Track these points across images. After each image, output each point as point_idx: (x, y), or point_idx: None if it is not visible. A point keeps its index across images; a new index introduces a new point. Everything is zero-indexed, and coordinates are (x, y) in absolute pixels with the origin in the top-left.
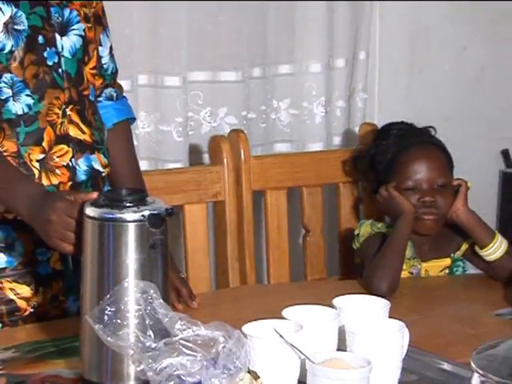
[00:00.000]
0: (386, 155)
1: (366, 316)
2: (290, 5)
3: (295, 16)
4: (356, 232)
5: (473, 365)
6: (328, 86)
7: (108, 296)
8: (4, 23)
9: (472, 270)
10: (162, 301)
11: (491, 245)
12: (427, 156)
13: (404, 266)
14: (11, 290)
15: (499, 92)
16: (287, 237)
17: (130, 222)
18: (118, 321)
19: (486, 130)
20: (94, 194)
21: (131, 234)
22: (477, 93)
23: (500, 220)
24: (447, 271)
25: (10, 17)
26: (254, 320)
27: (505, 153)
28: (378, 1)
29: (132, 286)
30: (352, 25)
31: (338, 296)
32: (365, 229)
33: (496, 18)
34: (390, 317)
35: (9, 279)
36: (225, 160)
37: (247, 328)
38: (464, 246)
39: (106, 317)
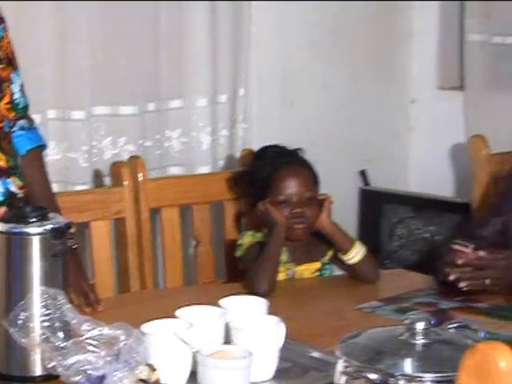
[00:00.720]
0: (263, 173)
1: (248, 313)
2: (179, 47)
3: (183, 57)
4: (238, 242)
5: (338, 352)
6: (213, 118)
7: (22, 302)
8: None
9: (338, 271)
10: (69, 305)
11: (351, 251)
12: (296, 174)
13: (281, 269)
14: None
15: (356, 121)
16: (180, 247)
17: (34, 235)
18: (31, 324)
19: (347, 153)
20: (2, 210)
21: (36, 246)
22: (339, 122)
23: (360, 230)
24: (318, 273)
25: None
26: (152, 320)
27: (362, 172)
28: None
29: (43, 294)
30: (233, 65)
31: (224, 297)
32: (246, 239)
33: (355, 58)
34: (268, 313)
35: None
36: (125, 182)
37: (145, 327)
38: (330, 252)
39: (19, 321)
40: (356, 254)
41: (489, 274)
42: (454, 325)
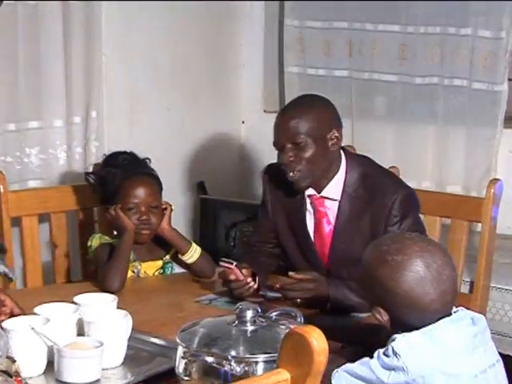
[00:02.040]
0: (114, 181)
1: (99, 308)
2: (36, 71)
3: (41, 83)
4: (88, 243)
5: (177, 339)
6: (68, 137)
7: None
8: None
9: (178, 269)
10: None
11: (188, 252)
12: (144, 184)
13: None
14: None
15: (196, 139)
16: (39, 251)
17: None
18: None
19: (188, 167)
20: None
21: None
22: (180, 140)
23: (200, 232)
24: (161, 271)
25: None
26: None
27: (200, 184)
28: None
29: None
30: (86, 91)
31: (78, 294)
32: (95, 240)
33: (194, 85)
34: (117, 308)
35: None
36: None
37: (6, 323)
38: (171, 251)
39: None
40: (192, 254)
41: (300, 295)
42: (277, 313)
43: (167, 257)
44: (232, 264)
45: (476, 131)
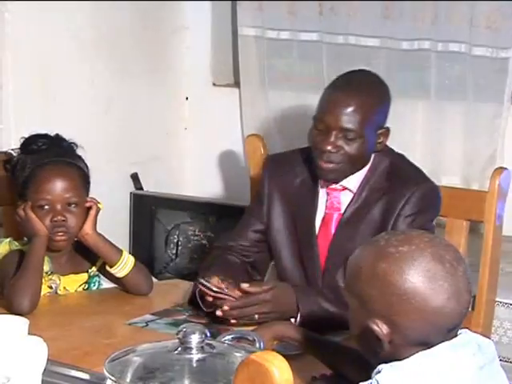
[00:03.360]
0: (24, 171)
1: (5, 335)
2: None
3: None
4: None
5: (105, 372)
6: None
7: None
8: None
9: (107, 283)
10: None
11: (118, 264)
12: (60, 175)
13: (43, 281)
14: None
15: (127, 121)
16: None
17: None
18: None
19: (117, 155)
20: None
21: None
22: (108, 121)
23: (132, 237)
24: (85, 286)
25: None
26: None
27: (134, 176)
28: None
29: None
30: None
31: None
32: (3, 247)
33: (123, 53)
34: (29, 334)
35: None
36: None
37: None
38: (99, 262)
39: None
40: (124, 266)
41: (256, 310)
42: (231, 336)
43: (93, 269)
44: (212, 290)
45: (477, 108)
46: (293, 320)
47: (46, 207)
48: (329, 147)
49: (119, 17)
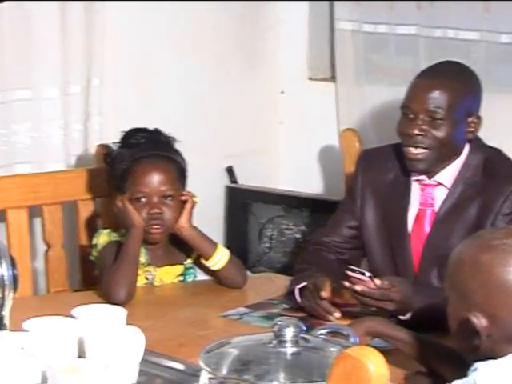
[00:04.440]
0: (122, 164)
1: (104, 324)
2: (26, 33)
3: (30, 43)
4: (94, 242)
5: (201, 363)
6: (65, 110)
7: None
8: None
9: (202, 276)
10: None
11: (213, 257)
12: (157, 169)
13: (139, 272)
14: None
15: (223, 115)
16: (29, 252)
17: None
18: None
19: (212, 149)
20: None
21: None
22: (204, 115)
23: (227, 231)
24: (181, 278)
25: None
26: None
27: (229, 169)
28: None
29: None
30: (86, 53)
31: (77, 306)
32: (102, 238)
33: (219, 47)
34: (126, 324)
35: None
36: None
37: None
38: (194, 255)
39: None
40: (218, 260)
41: (380, 304)
42: (325, 331)
43: (189, 261)
44: (364, 275)
45: None
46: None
47: (143, 200)
48: (415, 131)
49: (216, 12)
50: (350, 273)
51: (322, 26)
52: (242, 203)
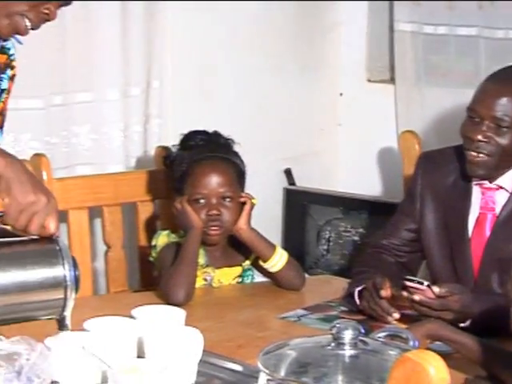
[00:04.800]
0: (181, 166)
1: (163, 325)
2: (87, 35)
3: (91, 46)
4: (153, 243)
5: (259, 365)
6: (125, 112)
7: None
8: None
9: (260, 277)
10: None
11: (271, 259)
12: (216, 171)
13: (198, 273)
14: None
15: (281, 117)
16: (90, 253)
17: None
18: None
19: (270, 150)
20: None
21: None
22: (262, 117)
23: (285, 232)
24: (239, 280)
25: None
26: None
27: (287, 171)
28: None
29: None
30: (146, 55)
31: (136, 307)
32: (162, 239)
33: (278, 48)
34: (185, 324)
35: None
36: None
37: (50, 341)
38: (252, 256)
39: None
40: (277, 261)
41: (442, 315)
42: (384, 333)
43: (247, 262)
44: (422, 284)
45: None
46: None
47: (202, 201)
48: (479, 136)
49: (275, 14)
50: (407, 283)
51: (381, 27)
52: (300, 205)
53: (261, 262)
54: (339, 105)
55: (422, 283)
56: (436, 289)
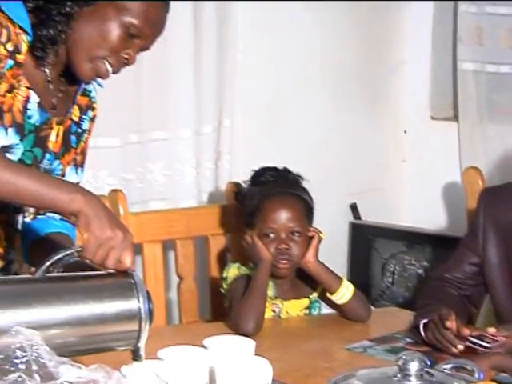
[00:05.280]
0: (252, 201)
1: (234, 354)
2: (162, 77)
3: (166, 87)
4: (224, 275)
5: None
6: (197, 150)
7: None
8: (1, 146)
9: (326, 309)
10: (46, 347)
11: (338, 291)
12: (285, 206)
13: (267, 304)
14: None
15: (347, 153)
16: (163, 284)
17: None
18: (6, 367)
19: (337, 186)
20: None
21: None
22: (329, 154)
23: (351, 265)
24: (306, 311)
25: (10, 145)
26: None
27: (353, 206)
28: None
29: (18, 334)
30: (217, 95)
31: (208, 337)
32: (232, 271)
33: (344, 87)
34: (255, 354)
35: None
36: None
37: (126, 369)
38: (319, 289)
39: None
40: (343, 294)
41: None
42: (449, 365)
43: (314, 295)
44: (485, 339)
45: None
46: None
47: (272, 236)
48: None
49: (342, 53)
50: (471, 344)
51: (444, 66)
52: (366, 239)
53: (328, 294)
54: (404, 142)
55: (483, 339)
56: (491, 330)
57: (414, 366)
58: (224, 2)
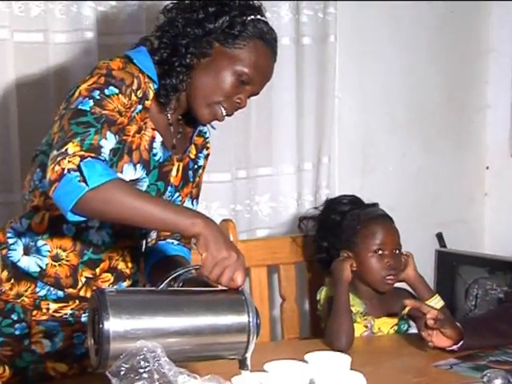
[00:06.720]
0: (354, 222)
1: (332, 368)
2: (268, 118)
3: (272, 129)
4: (317, 297)
5: None
6: (299, 184)
7: (123, 355)
8: (130, 179)
9: (414, 329)
10: (166, 358)
11: (431, 299)
12: (390, 226)
13: (359, 320)
14: (52, 368)
15: (434, 188)
16: (268, 304)
17: None
18: (131, 375)
19: (424, 217)
20: None
21: None
22: (417, 187)
23: (436, 289)
24: (396, 328)
25: (137, 178)
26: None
27: (439, 235)
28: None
29: (142, 347)
30: (317, 135)
31: (308, 352)
32: (324, 293)
33: (432, 128)
34: (350, 369)
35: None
36: None
37: (236, 380)
38: (407, 308)
39: (121, 372)
40: (436, 302)
41: None
42: None
43: (404, 312)
44: None
45: None
46: None
47: (380, 252)
48: None
49: (429, 97)
50: None
51: None
52: (451, 265)
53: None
54: (486, 177)
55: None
56: None
57: (497, 383)
58: (322, 52)
